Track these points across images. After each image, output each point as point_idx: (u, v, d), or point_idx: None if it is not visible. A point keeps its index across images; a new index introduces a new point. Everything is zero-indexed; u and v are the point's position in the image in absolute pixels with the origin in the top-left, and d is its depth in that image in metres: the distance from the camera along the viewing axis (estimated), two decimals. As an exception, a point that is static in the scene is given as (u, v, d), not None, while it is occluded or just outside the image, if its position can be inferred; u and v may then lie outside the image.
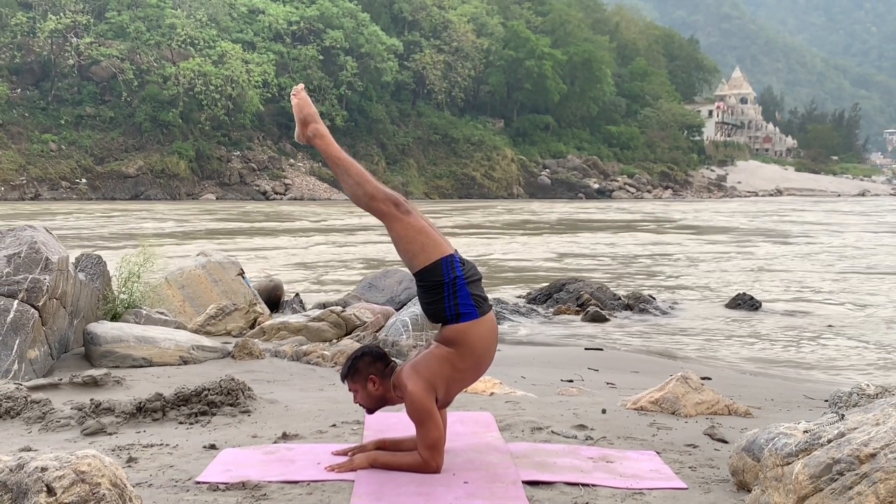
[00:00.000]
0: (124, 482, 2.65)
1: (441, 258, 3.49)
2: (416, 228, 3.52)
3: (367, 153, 78.98)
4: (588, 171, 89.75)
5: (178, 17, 73.14)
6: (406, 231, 3.51)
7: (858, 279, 17.60)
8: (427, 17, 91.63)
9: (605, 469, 3.62)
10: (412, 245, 3.50)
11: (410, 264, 3.55)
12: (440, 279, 3.47)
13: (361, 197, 3.61)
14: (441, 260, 3.48)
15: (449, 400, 3.65)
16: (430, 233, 3.53)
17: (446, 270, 3.48)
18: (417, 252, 3.50)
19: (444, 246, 3.53)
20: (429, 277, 3.49)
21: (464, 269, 3.52)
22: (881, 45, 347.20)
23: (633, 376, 7.63)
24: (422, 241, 3.50)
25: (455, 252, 3.56)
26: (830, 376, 8.58)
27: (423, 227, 3.53)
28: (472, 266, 3.60)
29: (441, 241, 3.54)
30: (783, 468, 3.01)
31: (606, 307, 12.84)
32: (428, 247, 3.50)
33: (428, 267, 3.49)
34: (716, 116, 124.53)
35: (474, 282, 3.55)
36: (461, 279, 3.49)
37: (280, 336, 8.76)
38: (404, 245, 3.53)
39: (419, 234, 3.51)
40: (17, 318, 5.94)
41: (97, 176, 64.07)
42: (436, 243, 3.51)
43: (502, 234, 31.16)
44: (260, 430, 4.30)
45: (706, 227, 36.82)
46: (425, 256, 3.49)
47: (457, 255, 3.55)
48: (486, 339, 3.57)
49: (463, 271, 3.51)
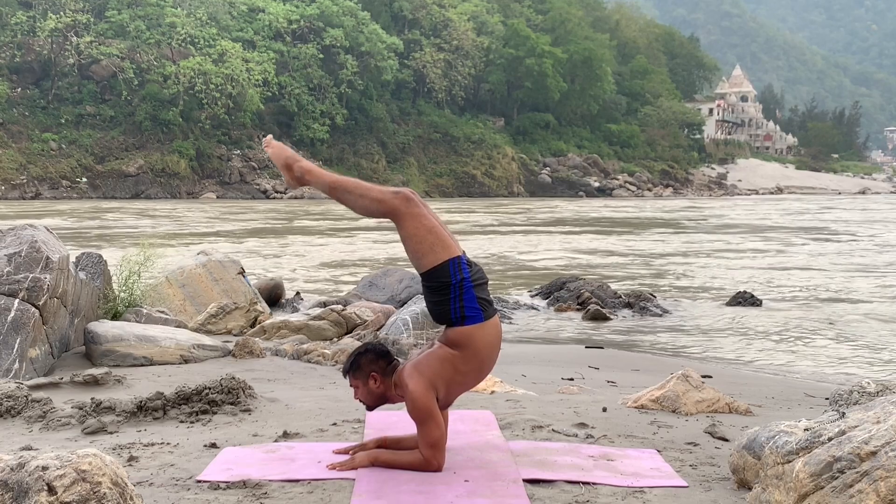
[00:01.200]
0: (125, 481, 2.65)
1: (449, 259, 3.47)
2: (427, 227, 3.49)
3: (368, 152, 78.98)
4: (588, 170, 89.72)
5: (178, 15, 73.12)
6: (417, 230, 3.48)
7: (872, 276, 17.59)
8: (427, 16, 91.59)
9: (605, 467, 3.62)
10: (421, 245, 3.48)
11: (418, 264, 3.53)
12: (447, 280, 3.46)
13: (370, 206, 3.56)
14: (449, 261, 3.47)
15: (449, 401, 3.65)
16: (439, 232, 3.51)
17: (453, 272, 3.47)
18: (426, 252, 3.48)
19: (452, 247, 3.51)
20: (436, 278, 3.48)
21: (471, 272, 3.51)
22: (882, 43, 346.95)
23: (633, 374, 7.63)
24: (431, 240, 3.48)
25: (463, 253, 3.55)
26: (831, 374, 8.57)
27: (432, 227, 3.50)
28: (479, 269, 3.59)
29: (450, 241, 3.52)
30: (784, 466, 3.01)
31: (607, 305, 12.84)
32: (437, 247, 3.48)
33: (436, 268, 3.47)
34: (716, 114, 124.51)
35: (481, 285, 3.54)
36: (468, 281, 3.48)
37: (281, 335, 8.76)
38: (413, 244, 3.50)
39: (429, 233, 3.48)
40: (17, 317, 5.94)
41: (97, 175, 64.05)
42: (445, 244, 3.49)
43: (553, 233, 31.15)
44: (261, 429, 4.30)
45: (762, 226, 36.39)
46: (434, 257, 3.47)
47: (464, 257, 3.53)
48: (490, 344, 3.56)
49: (470, 273, 3.50)
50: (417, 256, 3.51)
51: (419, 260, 3.51)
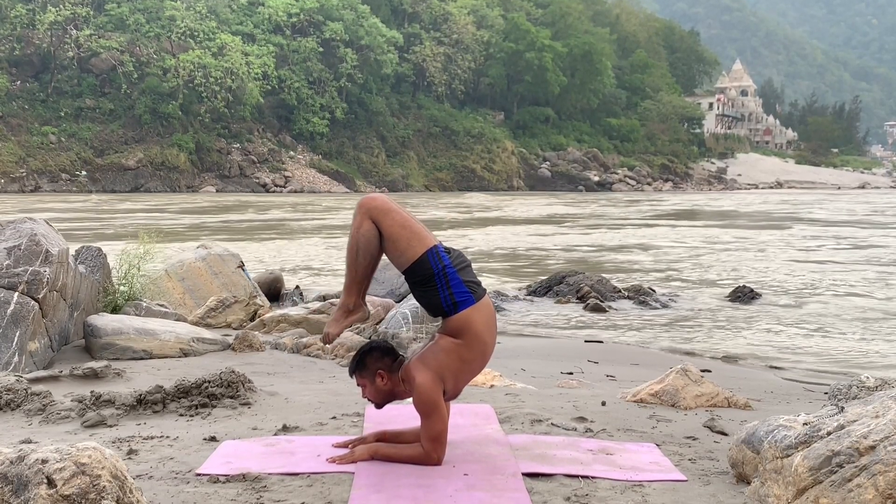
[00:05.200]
0: (125, 474, 2.65)
1: (426, 251, 3.48)
2: (400, 223, 3.50)
3: (367, 145, 78.93)
4: (588, 164, 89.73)
5: (177, 8, 73.02)
6: (391, 228, 3.49)
7: (872, 270, 17.59)
8: (427, 10, 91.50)
9: (604, 461, 3.62)
10: (398, 243, 3.49)
11: (398, 262, 3.54)
12: (430, 272, 3.47)
13: (361, 229, 3.52)
14: (426, 253, 3.48)
15: (458, 391, 3.66)
16: (413, 226, 3.52)
17: (434, 262, 3.47)
18: (404, 249, 3.49)
19: (427, 238, 3.52)
20: (418, 272, 3.49)
21: (451, 258, 3.52)
22: (882, 38, 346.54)
23: (632, 369, 7.64)
24: (406, 236, 3.49)
25: (439, 242, 3.55)
26: (830, 368, 8.58)
27: (405, 222, 3.52)
28: (458, 253, 3.60)
29: (424, 233, 3.53)
30: (783, 460, 3.01)
31: (606, 299, 12.84)
32: (413, 241, 3.49)
33: (415, 262, 3.48)
34: (716, 109, 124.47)
35: (464, 268, 3.55)
36: (450, 267, 3.49)
37: (280, 328, 8.76)
38: (390, 245, 3.51)
39: (403, 229, 3.49)
40: (17, 310, 5.95)
41: (97, 168, 64.06)
42: (419, 237, 3.50)
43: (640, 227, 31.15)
44: (260, 423, 4.30)
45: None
46: (412, 252, 3.48)
47: (440, 245, 3.54)
48: (488, 324, 3.58)
49: (450, 259, 3.51)
50: (396, 255, 3.52)
51: (398, 258, 3.52)
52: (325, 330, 3.70)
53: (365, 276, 3.59)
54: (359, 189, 72.85)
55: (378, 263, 3.64)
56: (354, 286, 3.61)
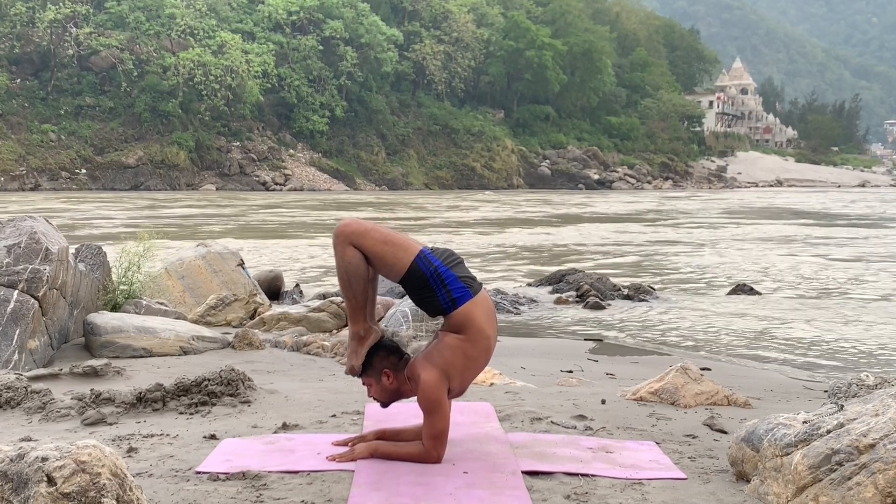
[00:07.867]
0: (124, 472, 2.65)
1: (415, 258, 3.50)
2: (381, 240, 3.51)
3: (367, 144, 78.89)
4: (588, 162, 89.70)
5: (177, 7, 73.00)
6: (374, 246, 3.51)
7: (871, 267, 17.59)
8: (427, 8, 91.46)
9: (604, 459, 3.62)
10: (385, 259, 3.52)
11: (391, 276, 3.56)
12: (423, 277, 3.49)
13: (352, 260, 3.54)
14: (415, 260, 3.50)
15: (464, 388, 3.67)
16: (394, 239, 3.54)
17: (425, 267, 3.49)
18: (392, 263, 3.51)
19: (412, 246, 3.54)
20: (413, 280, 3.51)
21: (440, 258, 3.54)
22: (882, 36, 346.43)
23: (632, 367, 7.64)
24: (391, 251, 3.51)
25: (424, 246, 3.57)
26: (830, 366, 8.58)
27: (385, 237, 3.53)
28: (446, 252, 3.61)
29: (407, 242, 3.56)
30: (782, 458, 3.01)
31: (606, 297, 12.85)
32: (399, 253, 3.51)
33: (407, 271, 3.50)
34: (716, 107, 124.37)
35: (457, 265, 3.57)
36: (442, 267, 3.50)
37: (280, 326, 8.76)
38: (378, 262, 3.54)
39: (385, 244, 3.51)
40: (17, 308, 5.94)
41: (97, 166, 64.04)
42: (403, 247, 3.53)
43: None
44: (260, 421, 4.30)
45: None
46: (401, 264, 3.50)
47: (426, 249, 3.56)
48: (488, 316, 3.60)
49: (440, 260, 3.53)
50: (387, 270, 3.55)
51: (390, 272, 3.55)
52: (348, 363, 3.70)
53: (365, 300, 3.60)
54: (359, 187, 72.85)
55: (376, 284, 3.65)
56: (359, 313, 3.62)
